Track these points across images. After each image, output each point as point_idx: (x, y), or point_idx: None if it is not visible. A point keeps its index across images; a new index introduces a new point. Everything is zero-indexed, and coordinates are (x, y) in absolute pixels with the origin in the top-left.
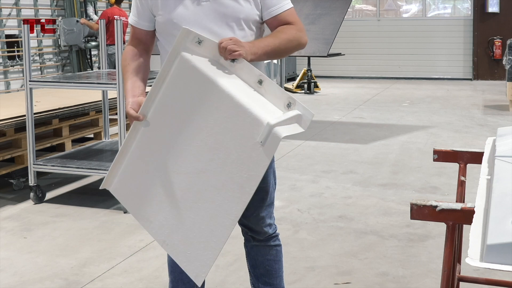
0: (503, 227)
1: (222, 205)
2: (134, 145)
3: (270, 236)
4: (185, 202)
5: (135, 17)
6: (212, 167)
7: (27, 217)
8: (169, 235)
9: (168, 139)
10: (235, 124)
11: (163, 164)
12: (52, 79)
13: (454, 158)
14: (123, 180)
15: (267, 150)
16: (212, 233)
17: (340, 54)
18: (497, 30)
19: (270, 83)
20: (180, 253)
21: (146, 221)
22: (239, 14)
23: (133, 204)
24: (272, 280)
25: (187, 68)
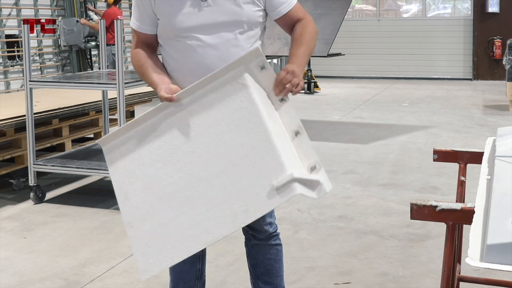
0: (503, 227)
1: (207, 221)
2: (150, 122)
3: (271, 235)
4: (173, 199)
5: (137, 21)
6: (216, 182)
7: (27, 217)
8: (139, 221)
9: (186, 135)
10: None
11: (170, 153)
12: (52, 79)
13: (454, 158)
14: (122, 147)
15: (277, 196)
16: (182, 242)
17: (340, 54)
18: (497, 30)
19: (305, 139)
20: (140, 242)
21: (123, 195)
22: (241, 17)
23: (119, 173)
24: (272, 279)
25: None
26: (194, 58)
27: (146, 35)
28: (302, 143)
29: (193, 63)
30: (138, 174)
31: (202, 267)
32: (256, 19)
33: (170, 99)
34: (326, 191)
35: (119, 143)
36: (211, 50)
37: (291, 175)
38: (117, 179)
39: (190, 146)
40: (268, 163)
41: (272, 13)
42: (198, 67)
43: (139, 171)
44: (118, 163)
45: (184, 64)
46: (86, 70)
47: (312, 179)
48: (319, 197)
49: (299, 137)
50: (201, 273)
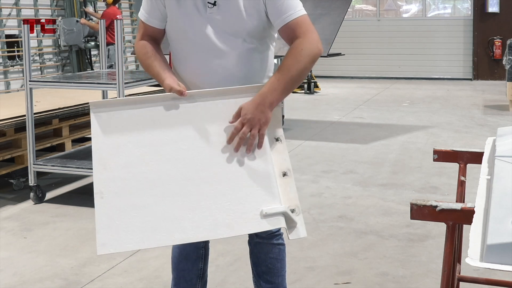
0: (503, 227)
1: (186, 221)
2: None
3: (273, 234)
4: (154, 187)
5: (146, 13)
6: (205, 188)
7: (27, 217)
8: (112, 194)
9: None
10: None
11: (164, 144)
12: (52, 79)
13: (454, 158)
14: (115, 118)
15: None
16: (153, 231)
17: (340, 54)
18: (497, 30)
19: (292, 182)
20: (106, 216)
21: (101, 164)
22: (244, 26)
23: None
24: (273, 278)
25: None
26: (195, 61)
27: (153, 29)
28: (288, 185)
29: (193, 67)
30: (123, 151)
31: (205, 266)
32: (259, 29)
33: (181, 92)
34: (299, 236)
35: (113, 113)
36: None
37: (282, 208)
38: (99, 148)
39: (186, 145)
40: (263, 189)
41: (276, 22)
42: (198, 70)
43: (126, 148)
44: (105, 132)
45: (186, 66)
46: (86, 70)
47: (293, 219)
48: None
49: (286, 179)
50: (203, 272)
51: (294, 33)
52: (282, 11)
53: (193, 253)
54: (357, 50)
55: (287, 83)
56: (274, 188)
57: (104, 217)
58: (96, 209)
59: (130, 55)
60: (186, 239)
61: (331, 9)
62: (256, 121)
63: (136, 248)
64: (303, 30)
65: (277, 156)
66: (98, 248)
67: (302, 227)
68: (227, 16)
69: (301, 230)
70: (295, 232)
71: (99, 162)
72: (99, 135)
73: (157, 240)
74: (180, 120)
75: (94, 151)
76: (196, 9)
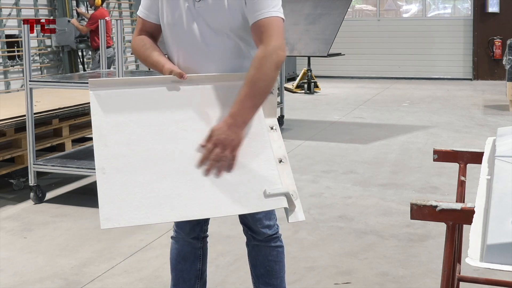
0: (503, 227)
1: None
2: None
3: (270, 237)
4: (157, 165)
5: (145, 10)
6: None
7: (27, 217)
8: (114, 170)
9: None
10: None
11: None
12: (52, 79)
13: (454, 158)
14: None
15: (264, 202)
16: (157, 207)
17: (340, 54)
18: (497, 30)
19: (288, 168)
20: (110, 191)
21: (102, 141)
22: (228, 22)
23: (103, 120)
24: (272, 280)
25: None
26: (182, 57)
27: (151, 25)
28: (284, 171)
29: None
30: (124, 129)
31: (203, 267)
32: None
33: (181, 75)
34: (298, 219)
35: (112, 92)
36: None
37: (285, 188)
38: (99, 125)
39: (188, 125)
40: (264, 170)
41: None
42: (186, 65)
43: (126, 126)
44: (105, 110)
45: (175, 61)
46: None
47: (293, 203)
48: (291, 221)
49: (282, 165)
50: (201, 272)
51: (260, 36)
52: (255, 9)
53: (191, 254)
54: (357, 50)
55: (255, 97)
56: (274, 171)
57: (107, 192)
58: (98, 184)
59: (130, 55)
60: (190, 216)
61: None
62: (229, 142)
63: (140, 224)
64: (268, 34)
65: (273, 144)
66: (102, 222)
67: (300, 211)
68: (213, 12)
69: (300, 214)
70: (294, 216)
71: (99, 139)
72: (98, 112)
73: (161, 216)
74: (180, 102)
75: (94, 128)
76: (186, 3)
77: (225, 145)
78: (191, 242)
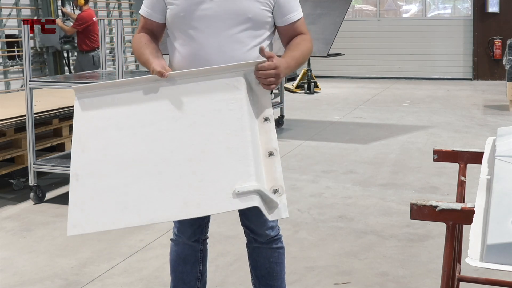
0: (503, 227)
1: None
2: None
3: (272, 239)
4: (129, 167)
5: (148, 9)
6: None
7: (27, 217)
8: (87, 175)
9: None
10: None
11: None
12: (52, 79)
13: (454, 158)
14: (96, 101)
15: (233, 201)
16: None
17: (340, 54)
18: (497, 30)
19: (277, 162)
20: (80, 197)
21: (80, 146)
22: (248, 13)
23: (83, 124)
24: (273, 282)
25: (235, 92)
26: (195, 49)
27: (154, 23)
28: (273, 165)
29: (193, 54)
30: (103, 133)
31: (203, 268)
32: (264, 19)
33: (161, 74)
34: (281, 216)
35: (95, 98)
36: (213, 43)
37: (256, 186)
38: (79, 129)
39: (165, 126)
40: (237, 168)
41: (279, 20)
42: (198, 59)
43: (104, 131)
44: (87, 114)
45: (185, 56)
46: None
47: (273, 199)
48: (272, 219)
49: (272, 158)
50: (201, 274)
51: (296, 31)
52: (288, 11)
53: (191, 256)
54: (357, 50)
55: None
56: (250, 167)
57: (77, 198)
58: (70, 190)
59: (130, 55)
60: (155, 219)
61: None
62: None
63: (105, 229)
64: (304, 29)
65: (264, 136)
66: (68, 230)
67: (284, 208)
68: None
69: (283, 210)
70: (276, 213)
71: (77, 145)
72: (80, 119)
73: (128, 220)
74: (159, 102)
75: (74, 134)
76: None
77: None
78: (191, 245)
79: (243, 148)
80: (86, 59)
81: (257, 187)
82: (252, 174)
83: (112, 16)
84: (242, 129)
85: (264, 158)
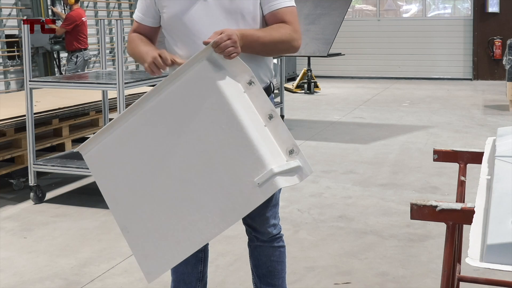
0: (503, 227)
1: (198, 223)
2: (126, 124)
3: (274, 237)
4: (162, 202)
5: (140, 14)
6: (199, 182)
7: (27, 217)
8: (133, 224)
9: (165, 136)
10: (238, 154)
11: (151, 156)
12: (52, 79)
13: (454, 158)
14: (102, 152)
15: (260, 193)
16: (177, 243)
17: (340, 54)
18: (497, 30)
19: (280, 122)
20: (139, 246)
21: (113, 200)
22: (242, 10)
23: (104, 179)
24: (274, 280)
25: (206, 78)
26: (194, 50)
27: (147, 28)
28: (277, 127)
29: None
30: (122, 179)
31: (204, 269)
32: (255, 12)
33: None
34: (307, 174)
35: (99, 149)
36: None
37: (271, 171)
38: (103, 185)
39: (169, 148)
40: (246, 160)
41: (264, 7)
42: None
43: (122, 176)
44: (101, 169)
45: (185, 58)
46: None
47: (292, 166)
48: (301, 180)
49: (273, 121)
50: (202, 274)
51: (279, 20)
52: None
53: (193, 257)
54: (357, 50)
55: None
56: (257, 152)
57: (137, 248)
58: (128, 243)
59: None
60: (205, 240)
61: (331, 9)
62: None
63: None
64: (290, 19)
65: (255, 101)
66: (146, 277)
67: (307, 165)
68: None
69: (306, 168)
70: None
71: (109, 198)
72: (97, 173)
73: (185, 250)
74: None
75: (101, 190)
76: None
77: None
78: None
79: (242, 136)
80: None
81: (273, 172)
82: (262, 158)
83: (112, 16)
84: (233, 116)
85: (267, 123)
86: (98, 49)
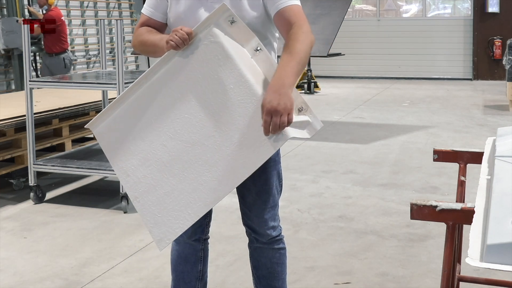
0: (503, 227)
1: (209, 182)
2: (134, 97)
3: (274, 239)
4: (171, 167)
5: (151, 8)
6: (209, 143)
7: (27, 217)
8: (144, 193)
9: (172, 102)
10: (246, 110)
11: (159, 124)
12: (52, 79)
13: (454, 158)
14: (111, 126)
15: (271, 145)
16: (189, 205)
17: (340, 54)
18: (497, 30)
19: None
20: (150, 214)
21: (123, 173)
22: (244, 19)
23: (115, 152)
24: (274, 282)
25: (214, 43)
26: None
27: (156, 23)
28: None
29: None
30: (132, 150)
31: (204, 268)
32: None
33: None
34: (317, 129)
35: (108, 123)
36: None
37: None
38: (113, 158)
39: (177, 113)
40: (256, 115)
41: (271, 10)
42: None
43: (133, 147)
44: (111, 143)
45: None
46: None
47: (302, 120)
48: (311, 134)
49: None
50: (202, 274)
51: (289, 20)
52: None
53: (192, 255)
54: (357, 50)
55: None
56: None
57: (148, 217)
58: (139, 212)
59: (130, 55)
60: (219, 197)
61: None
62: (282, 107)
63: (185, 228)
64: (298, 17)
65: (263, 65)
66: (157, 245)
67: (316, 120)
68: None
69: (316, 123)
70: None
71: (119, 171)
72: (107, 147)
73: (197, 212)
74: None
75: (111, 163)
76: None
77: (279, 111)
78: (192, 244)
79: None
80: (57, 62)
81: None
82: None
83: (112, 16)
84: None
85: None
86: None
